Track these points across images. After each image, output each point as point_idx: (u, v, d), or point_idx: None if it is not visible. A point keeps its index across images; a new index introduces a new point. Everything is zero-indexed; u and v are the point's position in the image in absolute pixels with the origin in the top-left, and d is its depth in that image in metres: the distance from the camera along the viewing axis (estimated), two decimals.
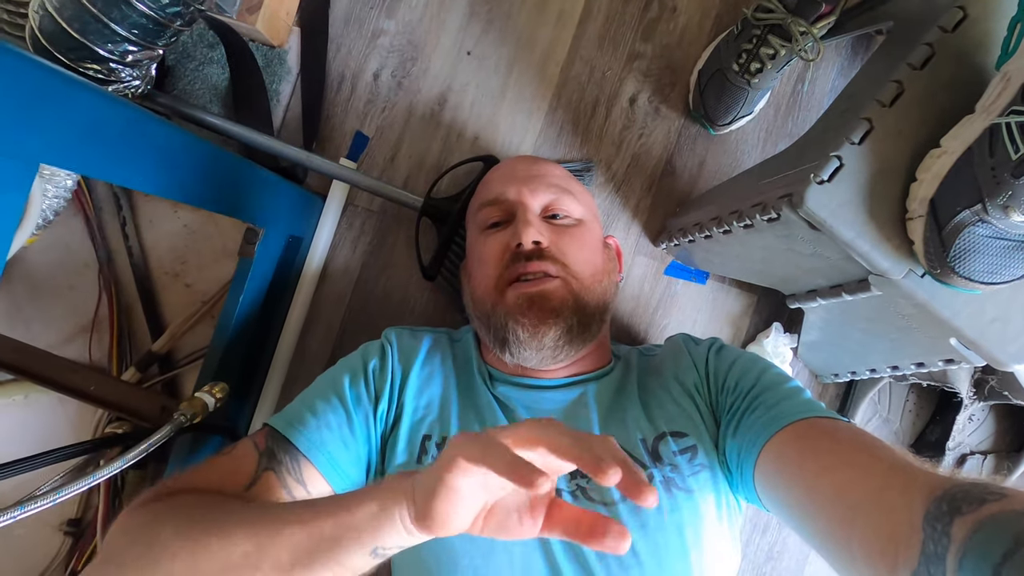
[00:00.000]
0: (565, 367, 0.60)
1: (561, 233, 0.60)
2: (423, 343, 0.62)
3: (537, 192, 0.61)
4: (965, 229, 0.41)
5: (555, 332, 0.55)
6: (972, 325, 0.48)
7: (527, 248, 0.58)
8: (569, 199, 0.61)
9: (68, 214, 0.80)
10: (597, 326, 0.59)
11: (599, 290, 0.59)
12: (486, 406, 0.58)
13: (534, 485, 0.29)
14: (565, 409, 0.58)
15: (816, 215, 0.47)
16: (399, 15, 0.80)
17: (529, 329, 0.55)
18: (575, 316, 0.56)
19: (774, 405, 0.48)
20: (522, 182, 0.62)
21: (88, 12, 0.52)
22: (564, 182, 0.63)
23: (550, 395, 0.59)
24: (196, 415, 0.57)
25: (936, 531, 0.30)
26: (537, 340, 0.55)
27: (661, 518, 0.49)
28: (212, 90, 0.79)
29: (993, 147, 0.39)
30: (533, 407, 0.58)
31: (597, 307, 0.59)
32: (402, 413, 0.56)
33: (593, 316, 0.58)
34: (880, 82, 0.49)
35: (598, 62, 0.80)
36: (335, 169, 0.75)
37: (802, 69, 0.80)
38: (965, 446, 0.75)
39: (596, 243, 0.62)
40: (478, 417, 0.57)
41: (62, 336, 0.81)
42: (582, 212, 0.62)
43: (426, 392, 0.58)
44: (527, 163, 0.65)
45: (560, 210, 0.61)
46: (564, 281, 0.57)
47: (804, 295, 0.64)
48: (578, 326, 0.57)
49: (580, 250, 0.59)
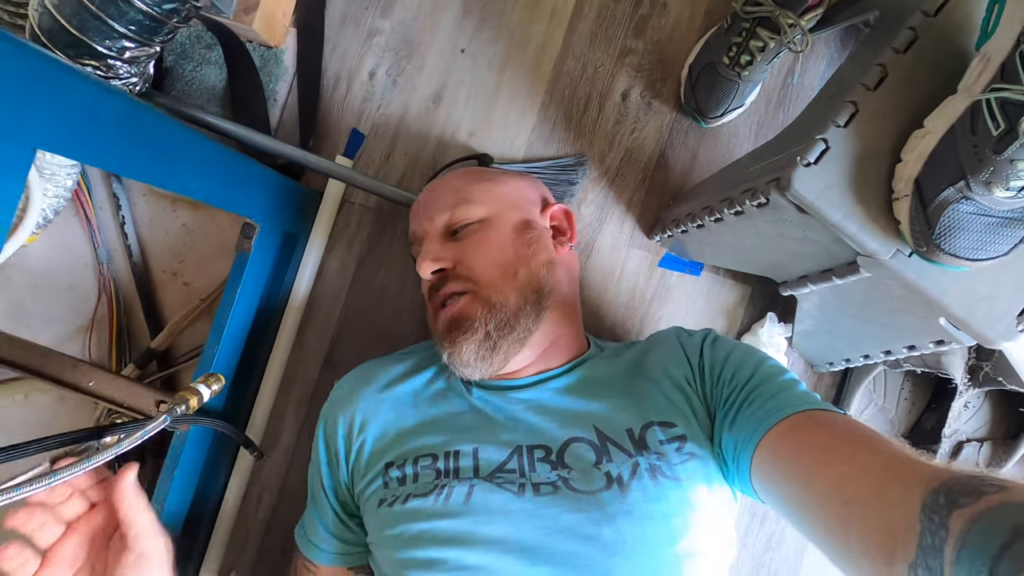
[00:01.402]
0: (531, 364, 0.60)
1: (463, 246, 0.60)
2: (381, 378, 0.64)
3: (433, 217, 0.62)
4: (949, 206, 0.42)
5: (470, 345, 0.56)
6: (960, 303, 0.48)
7: (429, 280, 0.61)
8: (466, 206, 0.61)
9: (68, 214, 0.81)
10: (531, 317, 0.58)
11: (516, 282, 0.58)
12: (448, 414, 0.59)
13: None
14: (536, 407, 0.57)
15: (804, 198, 0.48)
16: (394, 14, 0.81)
17: (449, 348, 0.57)
18: (491, 321, 0.56)
19: (770, 398, 0.49)
20: (422, 214, 0.65)
21: (86, 9, 0.53)
22: (461, 190, 0.63)
23: (520, 394, 0.59)
24: (191, 406, 0.57)
25: (934, 523, 0.30)
26: (459, 357, 0.57)
27: (647, 506, 0.48)
28: (210, 90, 0.80)
29: (975, 125, 0.40)
30: (503, 407, 0.58)
31: (520, 299, 0.58)
32: (361, 457, 0.60)
33: (517, 310, 0.57)
34: (865, 68, 0.50)
35: (590, 58, 0.81)
36: (331, 167, 0.76)
37: (792, 62, 0.81)
38: (961, 433, 0.75)
39: (503, 237, 0.61)
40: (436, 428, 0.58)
41: (62, 335, 0.82)
42: (484, 211, 0.62)
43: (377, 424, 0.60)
44: (426, 193, 0.67)
45: (459, 222, 0.61)
46: (472, 294, 0.58)
47: (795, 281, 0.64)
48: (498, 329, 0.56)
49: (485, 254, 0.59)
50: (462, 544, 0.49)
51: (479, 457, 0.54)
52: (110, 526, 0.49)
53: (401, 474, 0.55)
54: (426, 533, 0.50)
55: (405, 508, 0.52)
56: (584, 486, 0.50)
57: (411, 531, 0.51)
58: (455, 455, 0.55)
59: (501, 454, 0.54)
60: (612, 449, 0.52)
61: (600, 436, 0.53)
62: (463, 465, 0.54)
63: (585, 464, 0.52)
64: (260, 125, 0.77)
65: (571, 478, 0.51)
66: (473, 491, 0.51)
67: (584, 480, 0.50)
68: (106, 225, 0.82)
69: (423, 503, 0.52)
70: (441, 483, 0.52)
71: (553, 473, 0.51)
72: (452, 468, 0.54)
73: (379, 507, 0.55)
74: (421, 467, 0.55)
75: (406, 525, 0.51)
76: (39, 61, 0.37)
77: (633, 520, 0.48)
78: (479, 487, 0.51)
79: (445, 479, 0.53)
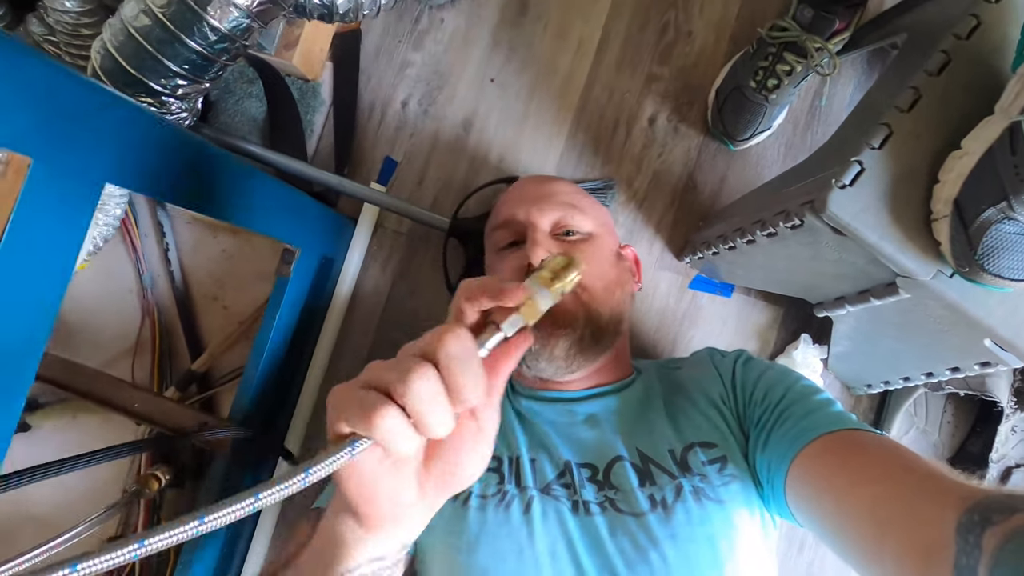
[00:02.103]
0: (584, 378, 0.61)
1: (571, 249, 0.61)
2: None
3: (545, 211, 0.63)
4: (992, 227, 0.42)
5: (565, 343, 0.56)
6: (1006, 324, 0.47)
7: (536, 266, 0.59)
8: (578, 215, 0.63)
9: (115, 241, 0.85)
10: (611, 337, 0.60)
11: (612, 301, 0.60)
12: (507, 420, 0.59)
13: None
14: (587, 421, 0.58)
15: (840, 219, 0.48)
16: (426, 47, 0.84)
17: (540, 341, 0.56)
18: (587, 327, 0.57)
19: (803, 417, 0.48)
20: (531, 202, 0.63)
21: (145, 50, 0.56)
22: (573, 198, 0.64)
23: (571, 407, 0.59)
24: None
25: (968, 543, 0.30)
26: (548, 351, 0.56)
27: (692, 528, 0.48)
28: (251, 122, 0.83)
29: (1015, 145, 0.40)
30: (555, 419, 0.59)
31: (610, 318, 0.59)
32: None
33: (606, 327, 0.59)
34: (897, 90, 0.50)
35: (617, 85, 0.83)
36: (366, 192, 0.78)
37: (819, 84, 0.82)
38: (1010, 459, 0.73)
39: (608, 255, 0.63)
40: (501, 431, 0.58)
41: (107, 357, 0.85)
42: (592, 226, 0.63)
43: None
44: (536, 183, 0.67)
45: (570, 226, 0.62)
46: (574, 294, 0.58)
47: (832, 303, 0.63)
48: (590, 337, 0.57)
49: (590, 263, 0.60)
50: (519, 556, 0.49)
51: (537, 469, 0.55)
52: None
53: None
54: (483, 538, 0.50)
55: (468, 508, 0.52)
56: (629, 508, 0.50)
57: (470, 535, 0.51)
58: (516, 462, 0.55)
59: (554, 469, 0.54)
60: (655, 471, 0.52)
61: (643, 458, 0.54)
62: (523, 473, 0.54)
63: (629, 485, 0.52)
64: (298, 154, 0.80)
65: (617, 499, 0.51)
66: (532, 503, 0.52)
67: (628, 502, 0.50)
68: (150, 252, 0.86)
69: (484, 506, 0.52)
70: (504, 490, 0.53)
71: (600, 494, 0.52)
72: (513, 475, 0.54)
73: None
74: (487, 468, 0.55)
75: (466, 526, 0.51)
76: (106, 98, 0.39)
77: (678, 543, 0.48)
78: (537, 499, 0.52)
79: (507, 486, 0.53)
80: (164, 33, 0.55)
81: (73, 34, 0.64)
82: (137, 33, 0.56)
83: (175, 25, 0.55)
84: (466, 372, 0.29)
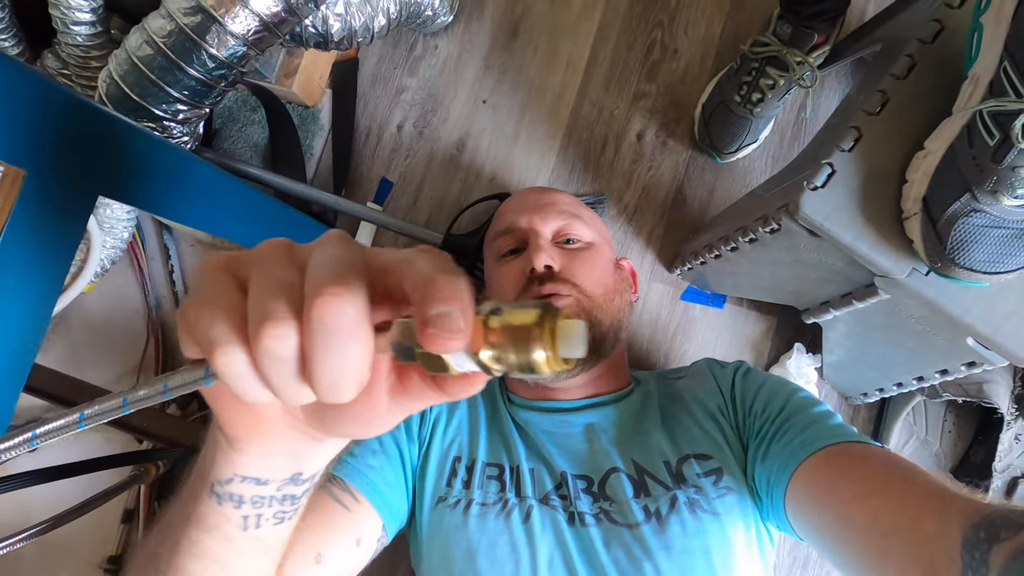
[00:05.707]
0: (582, 387, 0.61)
1: (572, 256, 0.62)
2: None
3: (547, 219, 0.64)
4: (959, 220, 0.42)
5: None
6: (986, 321, 0.47)
7: (539, 272, 0.60)
8: (579, 224, 0.64)
9: (122, 264, 0.88)
10: (611, 344, 0.60)
11: (611, 309, 0.61)
12: (507, 430, 0.59)
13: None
14: (583, 432, 0.58)
15: (813, 220, 0.49)
16: (420, 72, 0.87)
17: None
18: (589, 332, 0.58)
19: (804, 429, 0.48)
20: (533, 211, 0.65)
21: (147, 78, 0.60)
22: (573, 208, 0.66)
23: (568, 417, 0.60)
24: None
25: (975, 559, 0.30)
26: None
27: (686, 540, 0.48)
28: (253, 147, 0.87)
29: (971, 139, 0.40)
30: (552, 430, 0.59)
31: (610, 325, 0.60)
32: (433, 437, 0.59)
33: (606, 334, 0.59)
34: (868, 96, 0.52)
35: (605, 103, 0.85)
36: (362, 210, 0.80)
37: (804, 96, 0.83)
38: (1015, 468, 0.71)
39: (607, 264, 0.64)
40: (502, 440, 0.59)
41: (113, 376, 0.87)
42: (592, 236, 0.64)
43: (456, 416, 0.61)
44: (537, 193, 0.69)
45: (570, 234, 0.64)
46: (576, 300, 0.59)
47: (817, 308, 0.63)
48: (593, 341, 0.58)
49: (591, 271, 0.61)
50: (516, 565, 0.49)
51: (536, 479, 0.55)
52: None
53: (467, 476, 0.56)
54: (483, 546, 0.50)
55: (468, 516, 0.52)
56: (623, 519, 0.50)
57: (471, 543, 0.51)
58: (516, 471, 0.56)
59: (552, 479, 0.55)
60: (650, 482, 0.52)
61: (638, 469, 0.54)
62: (523, 483, 0.55)
63: (624, 497, 0.52)
64: (298, 176, 0.83)
65: (612, 510, 0.51)
66: (532, 512, 0.52)
67: (623, 513, 0.50)
68: (156, 274, 0.88)
69: (485, 514, 0.52)
70: (504, 498, 0.53)
71: (595, 505, 0.52)
72: (514, 484, 0.55)
73: (437, 504, 0.55)
74: (487, 476, 0.56)
75: (466, 534, 0.51)
76: (105, 118, 0.42)
77: (672, 555, 0.47)
78: (536, 509, 0.52)
79: (508, 494, 0.54)
80: (165, 61, 0.59)
81: (83, 66, 0.68)
82: (140, 62, 0.59)
83: (175, 54, 0.59)
84: (340, 357, 0.19)
